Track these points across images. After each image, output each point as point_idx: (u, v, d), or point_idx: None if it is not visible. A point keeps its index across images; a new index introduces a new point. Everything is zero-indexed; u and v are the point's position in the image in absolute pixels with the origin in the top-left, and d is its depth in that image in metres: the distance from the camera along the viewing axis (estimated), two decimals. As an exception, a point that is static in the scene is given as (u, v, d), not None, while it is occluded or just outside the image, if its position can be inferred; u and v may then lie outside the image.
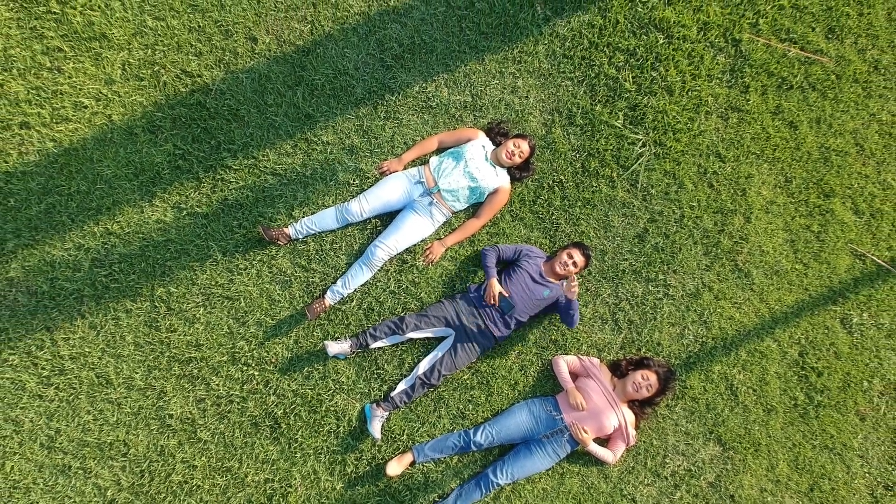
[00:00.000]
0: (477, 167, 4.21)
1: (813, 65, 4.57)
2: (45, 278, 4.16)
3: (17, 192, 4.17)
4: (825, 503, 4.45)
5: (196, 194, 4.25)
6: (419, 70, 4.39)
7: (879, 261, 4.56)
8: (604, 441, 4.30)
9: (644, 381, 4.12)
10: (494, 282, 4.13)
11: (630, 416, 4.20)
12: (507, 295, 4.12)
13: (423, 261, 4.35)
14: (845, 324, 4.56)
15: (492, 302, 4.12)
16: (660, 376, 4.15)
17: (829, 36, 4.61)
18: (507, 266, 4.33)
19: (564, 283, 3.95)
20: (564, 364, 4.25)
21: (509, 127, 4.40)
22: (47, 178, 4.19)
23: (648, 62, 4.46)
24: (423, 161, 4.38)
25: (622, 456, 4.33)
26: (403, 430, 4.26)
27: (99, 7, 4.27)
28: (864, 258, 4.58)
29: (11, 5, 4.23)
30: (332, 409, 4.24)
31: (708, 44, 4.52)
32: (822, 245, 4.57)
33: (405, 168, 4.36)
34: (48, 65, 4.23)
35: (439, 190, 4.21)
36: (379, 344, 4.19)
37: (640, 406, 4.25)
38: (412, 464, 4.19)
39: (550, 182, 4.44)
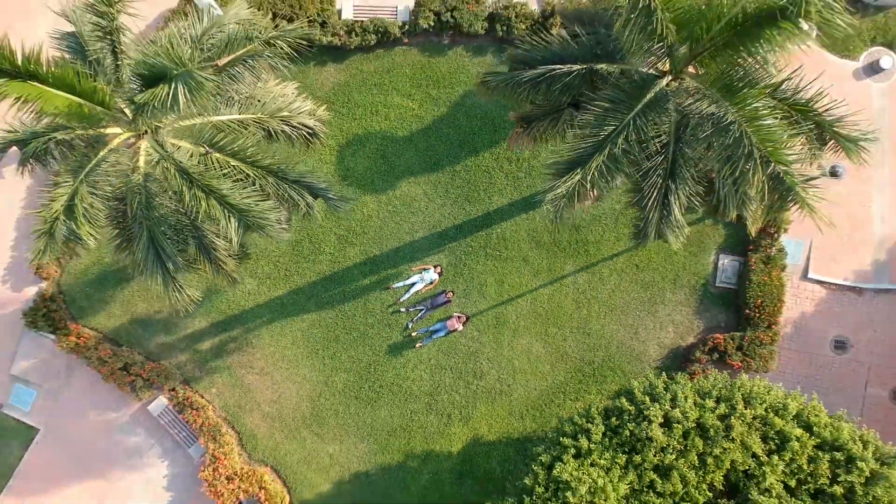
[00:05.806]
0: (432, 275, 21.11)
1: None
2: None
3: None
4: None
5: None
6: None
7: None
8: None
9: (463, 317, 20.95)
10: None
11: (461, 325, 21.02)
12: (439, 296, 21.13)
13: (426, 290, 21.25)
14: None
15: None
16: (467, 317, 20.98)
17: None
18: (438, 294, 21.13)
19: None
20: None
21: (439, 265, 21.23)
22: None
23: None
24: (422, 269, 21.21)
25: (458, 334, 21.17)
26: (416, 328, 21.20)
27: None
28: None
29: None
30: (400, 323, 21.16)
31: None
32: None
33: (418, 271, 21.22)
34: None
35: (423, 278, 21.14)
36: (411, 310, 21.13)
37: (463, 323, 21.07)
38: (414, 330, 21.17)
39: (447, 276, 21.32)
